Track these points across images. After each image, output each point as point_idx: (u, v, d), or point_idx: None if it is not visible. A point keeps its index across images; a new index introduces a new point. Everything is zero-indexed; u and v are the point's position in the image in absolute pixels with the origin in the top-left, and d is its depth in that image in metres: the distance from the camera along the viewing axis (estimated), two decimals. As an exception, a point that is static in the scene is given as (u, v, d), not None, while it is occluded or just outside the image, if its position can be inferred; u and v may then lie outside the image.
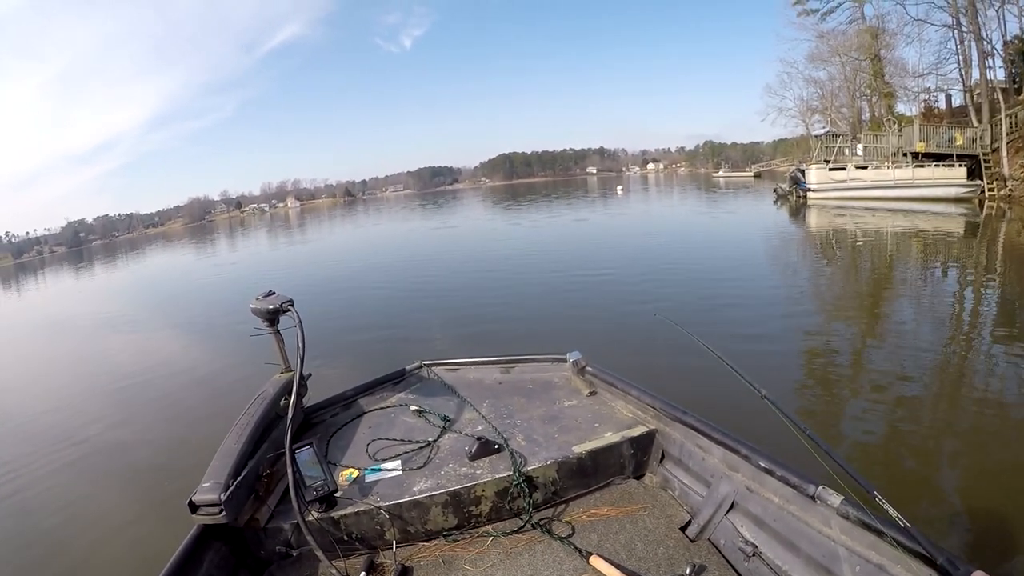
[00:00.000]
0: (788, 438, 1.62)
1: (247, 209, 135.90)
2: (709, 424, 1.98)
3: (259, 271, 20.94)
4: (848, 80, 30.66)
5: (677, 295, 8.97)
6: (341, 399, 2.76)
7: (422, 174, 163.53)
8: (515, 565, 1.76)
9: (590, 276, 11.20)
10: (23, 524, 4.36)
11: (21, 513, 4.52)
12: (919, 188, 19.30)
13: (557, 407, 2.49)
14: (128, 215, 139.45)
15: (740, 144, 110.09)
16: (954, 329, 6.61)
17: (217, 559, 1.75)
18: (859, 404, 4.77)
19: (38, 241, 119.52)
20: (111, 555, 3.79)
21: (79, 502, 4.60)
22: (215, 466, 1.81)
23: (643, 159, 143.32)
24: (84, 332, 13.16)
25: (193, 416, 5.99)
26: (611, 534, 1.86)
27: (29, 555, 3.93)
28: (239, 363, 7.37)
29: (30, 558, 3.89)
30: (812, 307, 8.27)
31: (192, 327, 11.49)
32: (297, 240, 35.11)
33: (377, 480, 2.05)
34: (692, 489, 2.00)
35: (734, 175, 63.18)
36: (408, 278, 13.58)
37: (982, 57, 21.30)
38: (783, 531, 1.63)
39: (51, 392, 8.12)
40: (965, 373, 5.31)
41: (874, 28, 27.69)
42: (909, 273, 10.07)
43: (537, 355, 2.96)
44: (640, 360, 5.73)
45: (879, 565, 1.36)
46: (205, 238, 53.87)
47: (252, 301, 2.27)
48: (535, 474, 2.01)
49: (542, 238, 20.02)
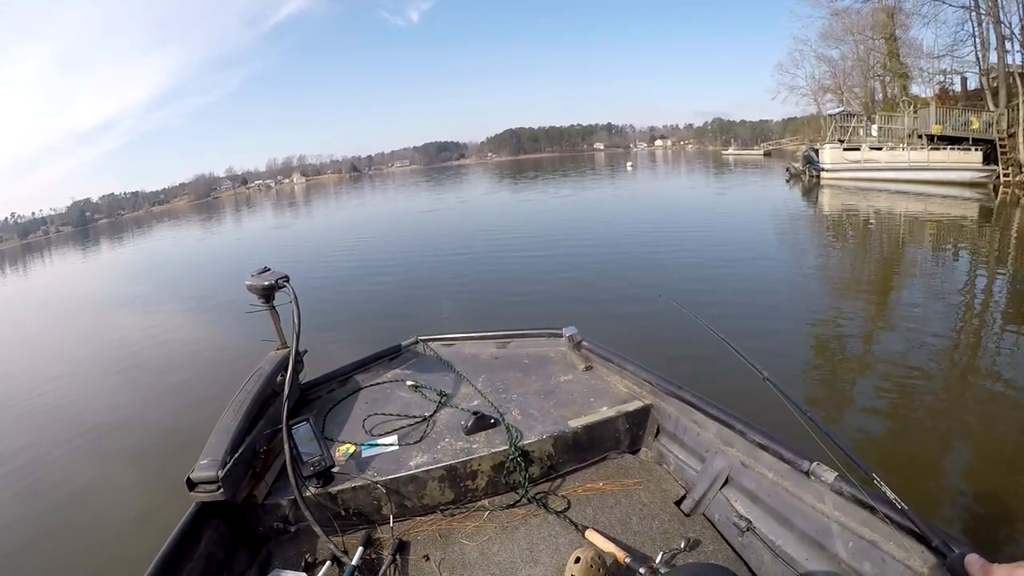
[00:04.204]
0: (791, 421, 1.61)
1: (252, 185, 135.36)
2: (704, 399, 1.98)
3: (263, 245, 21.06)
4: (861, 60, 30.03)
5: (687, 276, 8.93)
6: (338, 375, 2.76)
7: (428, 149, 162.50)
8: (511, 539, 1.78)
9: (606, 253, 11.14)
10: (28, 500, 4.45)
11: (25, 491, 4.61)
12: (934, 171, 18.98)
13: (553, 382, 2.49)
14: (133, 193, 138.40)
15: (749, 122, 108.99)
16: (964, 314, 6.55)
17: (216, 536, 1.75)
18: (866, 387, 4.75)
19: (44, 221, 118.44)
20: (110, 531, 3.85)
21: (76, 479, 4.67)
22: (212, 443, 1.81)
23: (651, 135, 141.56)
24: (85, 310, 13.28)
25: (194, 393, 6.03)
26: (606, 508, 1.87)
27: (34, 530, 4.01)
28: (240, 338, 7.37)
29: (36, 532, 3.97)
30: (823, 288, 8.23)
31: (196, 303, 11.55)
32: (302, 214, 35.09)
33: (374, 455, 2.06)
34: (687, 464, 2.01)
35: (744, 153, 62.57)
36: (406, 255, 13.61)
37: (1000, 40, 20.73)
38: (777, 506, 1.64)
39: (54, 369, 8.21)
40: (974, 358, 5.28)
41: (890, 7, 26.97)
42: (921, 257, 9.96)
43: (533, 330, 2.96)
44: (645, 344, 5.70)
45: (872, 541, 1.36)
46: (211, 215, 53.85)
47: (247, 278, 2.25)
48: (531, 448, 2.02)
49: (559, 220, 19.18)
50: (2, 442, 5.66)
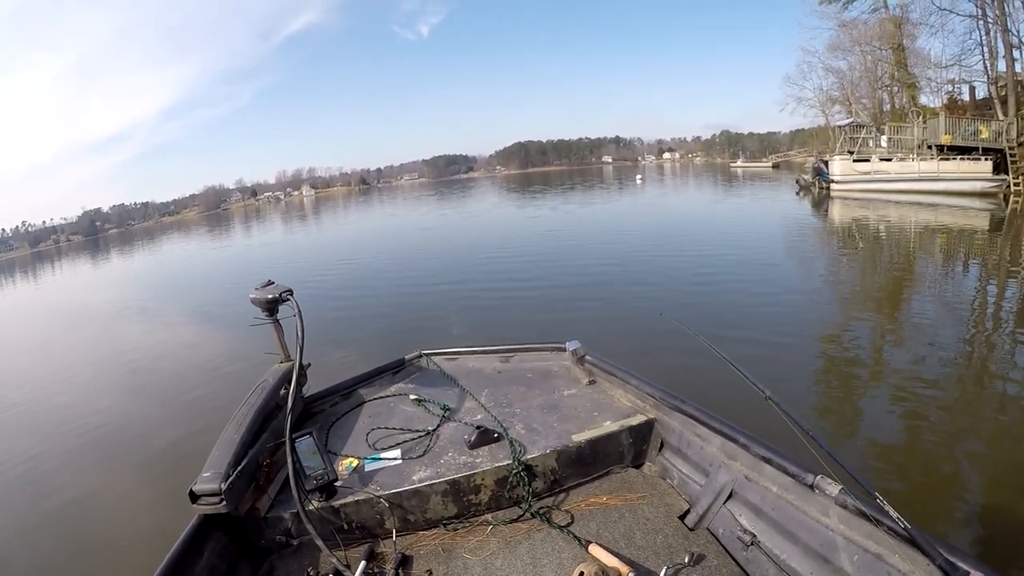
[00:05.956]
0: (794, 439, 1.61)
1: (262, 197, 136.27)
2: (708, 413, 1.98)
3: (266, 259, 21.22)
4: (869, 70, 30.05)
5: (697, 289, 8.90)
6: (341, 388, 2.77)
7: (437, 162, 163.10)
8: (514, 553, 1.77)
9: (612, 267, 11.13)
10: (30, 508, 4.48)
11: (27, 500, 4.64)
12: (944, 181, 18.87)
13: (556, 396, 2.48)
14: (144, 204, 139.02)
15: (757, 134, 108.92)
16: (976, 326, 6.48)
17: (218, 548, 1.76)
18: (875, 399, 4.71)
19: (55, 230, 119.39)
20: (111, 542, 3.87)
21: (78, 487, 4.70)
22: (215, 456, 1.82)
23: (659, 148, 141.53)
24: (95, 320, 13.41)
25: (200, 404, 6.07)
26: (610, 523, 1.86)
27: (36, 538, 4.03)
28: (244, 351, 7.42)
29: (38, 540, 3.99)
30: (833, 301, 8.19)
31: (202, 315, 11.64)
32: (312, 229, 35.33)
33: (377, 469, 2.06)
34: (691, 478, 2.00)
35: (752, 165, 62.56)
36: (413, 268, 13.65)
37: (1008, 49, 20.78)
38: (781, 520, 1.63)
39: (62, 377, 8.30)
40: (985, 371, 5.21)
41: (897, 18, 27.08)
42: (932, 268, 9.88)
43: (536, 344, 2.96)
44: (646, 358, 5.61)
45: (877, 554, 1.35)
46: (220, 226, 54.38)
47: (251, 291, 2.27)
48: (534, 463, 2.02)
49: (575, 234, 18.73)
50: (7, 447, 5.72)
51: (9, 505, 4.62)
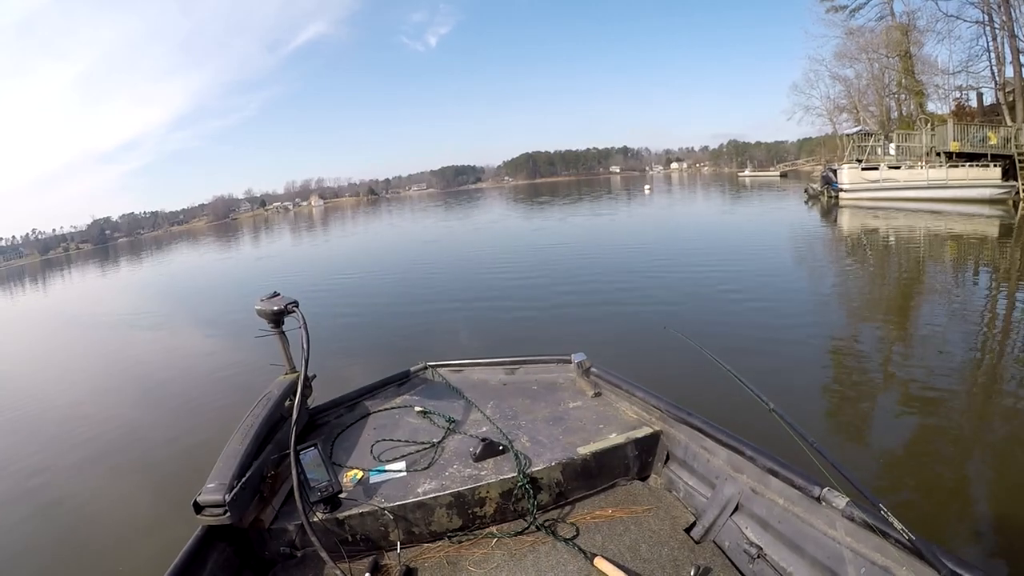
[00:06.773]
0: (799, 452, 1.60)
1: (271, 207, 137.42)
2: (714, 425, 1.97)
3: (282, 267, 21.30)
4: (876, 78, 30.05)
5: (709, 300, 8.90)
6: (346, 400, 2.78)
7: (445, 173, 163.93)
8: (519, 566, 1.76)
9: (625, 278, 11.11)
10: (33, 516, 4.49)
11: (31, 506, 4.66)
12: (953, 189, 18.77)
13: (562, 408, 2.48)
14: (153, 213, 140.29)
15: (764, 143, 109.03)
16: (986, 335, 6.41)
17: (221, 560, 1.76)
18: (884, 409, 4.66)
19: (64, 238, 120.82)
20: (115, 551, 3.87)
21: (82, 496, 4.73)
22: (219, 467, 1.83)
23: (667, 158, 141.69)
24: (102, 329, 13.49)
25: (204, 414, 6.09)
26: (615, 535, 1.85)
27: (40, 545, 4.04)
28: (250, 361, 7.43)
29: (40, 548, 4.01)
30: (842, 310, 8.15)
31: (209, 324, 11.70)
32: (321, 239, 35.54)
33: (382, 481, 2.06)
34: (697, 491, 1.99)
35: (760, 174, 62.58)
36: (419, 280, 13.67)
37: (1015, 54, 20.76)
38: (788, 533, 1.62)
39: (59, 388, 8.36)
40: (996, 381, 5.13)
41: (904, 25, 27.13)
42: (941, 276, 9.79)
43: (542, 356, 2.95)
44: (651, 371, 5.56)
45: (884, 567, 1.34)
46: (229, 236, 54.80)
47: (257, 302, 2.29)
48: (540, 475, 2.01)
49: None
50: (9, 454, 5.78)
51: (12, 509, 4.65)
